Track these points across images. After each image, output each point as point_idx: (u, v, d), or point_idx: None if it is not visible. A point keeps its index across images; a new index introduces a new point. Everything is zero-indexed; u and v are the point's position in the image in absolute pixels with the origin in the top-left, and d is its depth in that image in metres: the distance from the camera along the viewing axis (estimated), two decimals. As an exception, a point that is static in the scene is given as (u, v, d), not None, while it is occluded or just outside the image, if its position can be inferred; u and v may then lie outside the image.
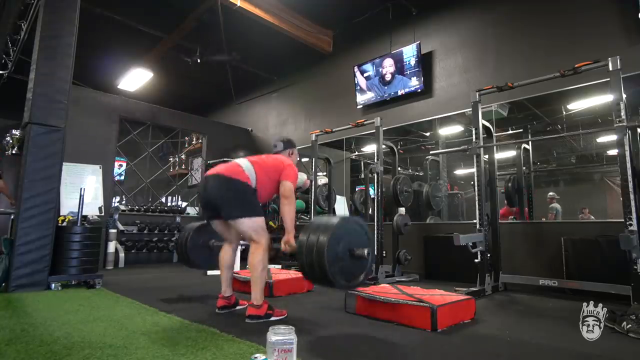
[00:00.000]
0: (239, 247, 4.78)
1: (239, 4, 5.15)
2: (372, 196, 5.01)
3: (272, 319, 2.30)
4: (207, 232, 3.10)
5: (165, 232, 6.63)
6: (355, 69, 5.85)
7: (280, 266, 5.17)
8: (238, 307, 2.67)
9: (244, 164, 2.48)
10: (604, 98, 3.96)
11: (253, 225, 2.37)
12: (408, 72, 5.26)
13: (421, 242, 4.69)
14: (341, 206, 6.84)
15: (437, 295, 2.41)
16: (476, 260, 3.38)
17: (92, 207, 5.61)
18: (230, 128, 8.02)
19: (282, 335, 1.39)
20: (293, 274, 3.63)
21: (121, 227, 6.08)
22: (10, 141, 4.14)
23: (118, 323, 2.20)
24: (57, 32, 3.72)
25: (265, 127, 7.77)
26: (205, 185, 2.46)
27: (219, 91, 7.92)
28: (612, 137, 2.95)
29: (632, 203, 2.68)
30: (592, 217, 5.15)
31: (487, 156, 3.89)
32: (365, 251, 1.93)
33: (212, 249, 3.13)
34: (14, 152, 4.10)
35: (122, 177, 8.12)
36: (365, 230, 2.07)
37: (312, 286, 3.54)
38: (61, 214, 4.05)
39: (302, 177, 5.97)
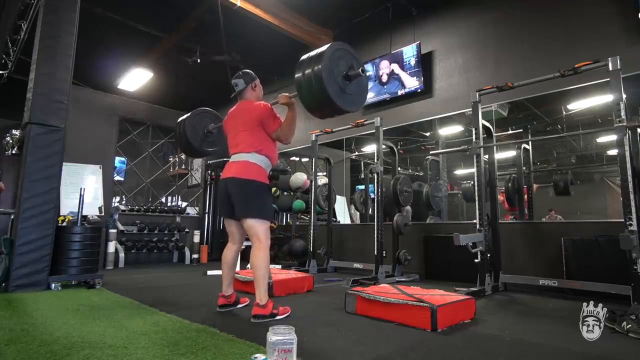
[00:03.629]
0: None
1: (239, 4, 5.15)
2: (372, 196, 5.01)
3: (278, 317, 2.32)
4: (204, 117, 3.18)
5: (165, 232, 6.63)
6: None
7: (280, 266, 5.18)
8: (239, 306, 2.68)
9: (251, 157, 2.47)
10: (604, 98, 3.96)
11: (262, 227, 2.43)
12: (408, 72, 5.26)
13: (421, 242, 4.69)
14: (341, 206, 6.84)
15: (437, 295, 2.40)
16: (476, 260, 3.38)
17: (92, 207, 5.62)
18: (230, 128, 7.98)
19: (282, 335, 1.39)
20: (293, 274, 3.63)
21: (121, 227, 6.08)
22: (10, 141, 4.15)
23: (118, 323, 2.20)
24: (57, 32, 3.72)
25: (265, 127, 7.75)
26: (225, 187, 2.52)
27: (219, 91, 7.88)
28: (612, 137, 2.95)
29: (632, 203, 2.68)
30: (560, 217, 5.16)
31: (487, 156, 3.89)
32: (360, 70, 2.09)
33: (210, 132, 3.17)
34: (14, 152, 4.11)
35: (122, 178, 8.12)
36: (351, 51, 2.20)
37: (312, 286, 3.54)
38: (61, 214, 4.06)
39: (302, 177, 5.99)
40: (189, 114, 3.18)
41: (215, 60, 6.44)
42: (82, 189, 3.75)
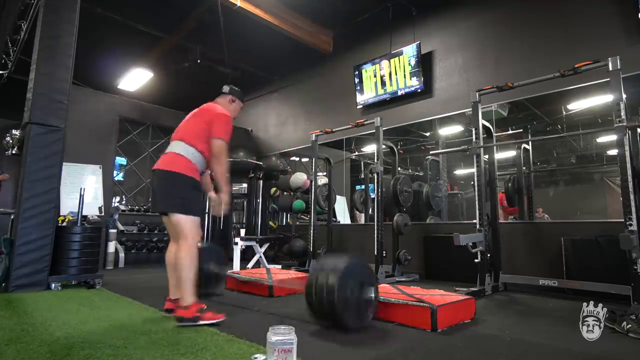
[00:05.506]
0: (240, 248, 4.80)
1: (239, 4, 5.15)
2: (372, 196, 5.01)
3: (200, 322, 2.11)
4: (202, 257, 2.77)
5: (165, 232, 6.62)
6: (355, 69, 5.85)
7: (280, 266, 5.18)
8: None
9: (181, 148, 2.33)
10: (604, 98, 3.96)
11: (187, 223, 2.29)
12: (408, 72, 5.26)
13: (421, 242, 4.69)
14: (341, 206, 6.84)
15: (437, 295, 2.40)
16: (476, 260, 3.38)
17: (92, 207, 5.61)
18: (230, 128, 8.00)
19: (282, 335, 1.39)
20: (293, 274, 3.63)
21: (121, 227, 6.08)
22: (10, 141, 4.14)
23: (118, 323, 2.20)
24: (57, 32, 3.72)
25: (265, 127, 7.77)
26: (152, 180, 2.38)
27: (218, 91, 7.91)
28: (612, 137, 2.95)
29: (632, 203, 2.68)
30: (547, 216, 5.13)
31: (487, 156, 3.89)
32: (373, 293, 2.17)
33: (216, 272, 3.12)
34: (14, 152, 4.10)
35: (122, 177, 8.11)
36: (367, 267, 2.29)
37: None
38: (61, 214, 4.06)
39: (302, 177, 5.99)
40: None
41: (218, 70, 6.46)
42: (82, 189, 3.75)
